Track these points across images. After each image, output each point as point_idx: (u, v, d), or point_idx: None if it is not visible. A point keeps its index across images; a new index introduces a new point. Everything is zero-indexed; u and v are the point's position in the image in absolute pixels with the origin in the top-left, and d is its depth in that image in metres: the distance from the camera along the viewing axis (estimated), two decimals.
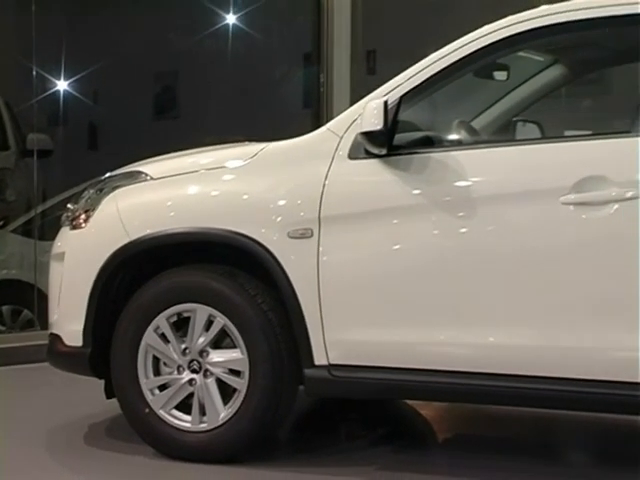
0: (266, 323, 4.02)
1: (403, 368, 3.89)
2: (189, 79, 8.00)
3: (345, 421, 5.00)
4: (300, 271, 3.96)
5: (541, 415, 4.74)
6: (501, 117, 4.77)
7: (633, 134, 3.69)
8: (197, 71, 7.98)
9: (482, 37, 3.93)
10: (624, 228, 3.61)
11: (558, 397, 3.75)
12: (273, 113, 8.17)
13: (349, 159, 3.99)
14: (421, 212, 3.88)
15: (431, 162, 3.90)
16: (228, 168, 4.23)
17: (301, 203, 4.00)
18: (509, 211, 3.78)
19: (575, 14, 3.88)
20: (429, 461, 4.37)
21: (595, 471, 4.30)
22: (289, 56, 8.30)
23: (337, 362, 3.96)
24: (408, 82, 3.97)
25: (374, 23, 8.43)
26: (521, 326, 3.76)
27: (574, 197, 3.67)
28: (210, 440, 4.09)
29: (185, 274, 4.18)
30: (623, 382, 3.62)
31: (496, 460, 4.30)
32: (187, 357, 4.13)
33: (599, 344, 3.66)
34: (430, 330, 3.87)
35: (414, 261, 3.89)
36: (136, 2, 7.58)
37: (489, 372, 3.79)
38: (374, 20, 8.41)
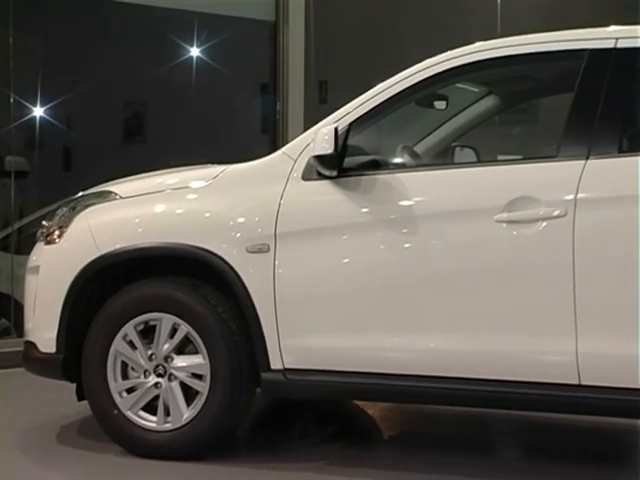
0: (226, 331, 4.00)
1: (352, 372, 3.89)
2: (156, 107, 7.97)
3: (299, 420, 4.99)
4: (257, 283, 3.95)
5: (478, 414, 4.77)
6: (441, 142, 4.80)
7: (558, 158, 3.72)
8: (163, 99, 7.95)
9: (423, 70, 3.96)
10: (551, 243, 3.65)
11: (494, 397, 3.77)
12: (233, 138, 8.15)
13: (303, 180, 3.99)
14: (368, 229, 3.88)
15: (377, 183, 3.91)
16: (192, 188, 4.21)
17: (259, 220, 3.99)
18: (448, 228, 3.80)
19: (507, 50, 3.93)
20: (376, 456, 4.37)
21: (529, 464, 4.34)
22: (248, 86, 8.29)
23: (291, 366, 3.95)
24: (357, 110, 3.98)
25: (326, 56, 8.45)
26: (460, 332, 3.77)
27: (506, 216, 3.69)
28: (174, 439, 4.07)
29: (152, 286, 4.15)
30: (555, 384, 3.66)
31: (437, 455, 4.31)
32: (153, 362, 4.10)
33: (532, 349, 3.68)
34: (376, 337, 3.87)
35: (361, 274, 3.90)
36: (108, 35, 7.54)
37: (431, 375, 3.80)
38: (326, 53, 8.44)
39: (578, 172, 3.64)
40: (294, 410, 5.04)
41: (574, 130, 3.73)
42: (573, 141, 3.71)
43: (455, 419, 4.89)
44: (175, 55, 7.91)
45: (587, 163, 3.65)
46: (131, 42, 7.65)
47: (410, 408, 5.02)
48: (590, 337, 3.60)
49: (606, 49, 3.76)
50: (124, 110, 8.01)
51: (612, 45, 3.76)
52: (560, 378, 3.65)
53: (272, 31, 7.89)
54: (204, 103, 8.07)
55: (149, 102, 7.99)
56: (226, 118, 8.25)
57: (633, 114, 4.08)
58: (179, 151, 7.40)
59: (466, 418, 4.86)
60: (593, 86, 3.73)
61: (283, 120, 7.81)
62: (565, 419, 4.61)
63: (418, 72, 3.97)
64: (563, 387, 3.65)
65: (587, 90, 3.75)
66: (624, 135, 3.79)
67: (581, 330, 3.60)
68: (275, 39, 7.84)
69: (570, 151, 3.70)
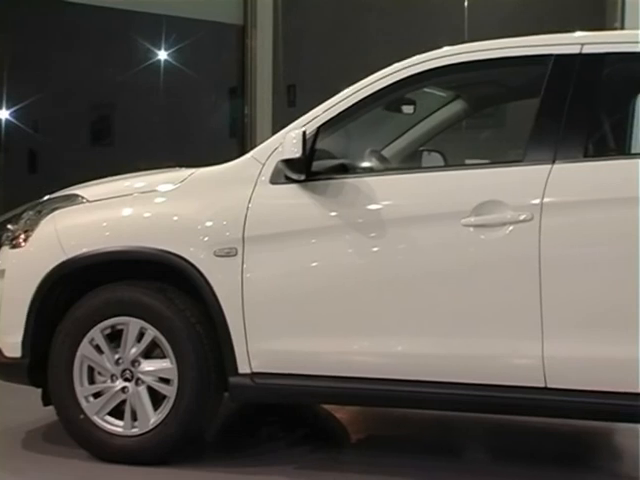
0: (194, 335, 3.99)
1: (320, 375, 3.89)
2: (124, 109, 7.94)
3: (267, 424, 4.98)
4: (225, 287, 3.95)
5: (445, 417, 4.78)
6: (408, 147, 4.82)
7: (525, 163, 3.75)
8: (131, 102, 7.92)
9: (391, 74, 3.97)
10: (518, 247, 3.67)
11: (462, 400, 3.79)
12: (202, 141, 8.14)
13: (271, 184, 3.98)
14: (336, 232, 3.89)
15: (345, 187, 3.91)
16: (159, 191, 4.19)
17: (226, 224, 3.98)
18: (416, 232, 3.81)
19: (474, 55, 3.95)
20: (343, 460, 4.37)
21: (496, 467, 4.36)
22: (216, 90, 8.28)
23: (259, 370, 3.95)
24: (325, 114, 3.99)
25: (294, 60, 8.46)
26: (428, 336, 3.78)
27: (474, 220, 3.71)
28: (141, 443, 4.05)
29: (119, 290, 4.13)
30: (521, 387, 3.68)
31: (405, 459, 4.31)
32: (120, 367, 4.08)
33: (499, 352, 3.70)
34: (345, 340, 3.87)
35: (330, 277, 3.90)
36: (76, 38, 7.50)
37: (397, 378, 3.82)
38: (294, 57, 8.44)
39: (544, 176, 3.67)
40: (262, 414, 5.03)
41: (540, 135, 3.76)
42: (539, 146, 3.74)
43: (423, 422, 4.90)
44: (143, 58, 7.89)
45: (553, 168, 3.68)
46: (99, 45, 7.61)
47: (378, 411, 5.03)
48: (556, 340, 3.62)
49: (572, 54, 3.80)
50: (91, 113, 7.97)
51: (578, 50, 3.80)
52: (526, 381, 3.68)
53: (240, 34, 7.90)
54: (172, 106, 8.05)
55: (117, 105, 7.96)
56: (194, 121, 8.24)
57: (598, 119, 4.12)
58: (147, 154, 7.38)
59: (434, 421, 4.88)
60: (559, 91, 3.76)
61: (251, 124, 7.82)
62: (531, 422, 4.63)
63: (386, 76, 3.98)
64: (529, 390, 3.68)
65: (553, 95, 3.78)
66: (589, 140, 3.83)
67: (547, 333, 3.62)
68: (243, 42, 7.85)
69: (536, 156, 3.73)
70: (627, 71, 4.05)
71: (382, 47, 7.82)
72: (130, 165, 5.24)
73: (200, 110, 8.29)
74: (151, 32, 7.82)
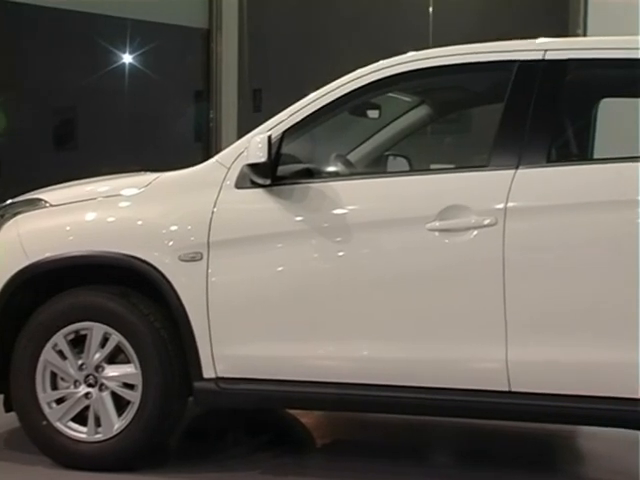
0: (158, 340, 3.98)
1: (284, 380, 3.89)
2: (88, 113, 7.89)
3: (232, 429, 4.97)
4: (190, 291, 3.94)
5: (411, 421, 4.80)
6: (374, 151, 4.83)
7: (489, 168, 3.78)
8: (95, 106, 7.87)
9: (356, 79, 3.99)
10: (482, 251, 3.69)
11: (427, 404, 3.80)
12: (166, 145, 8.11)
13: (236, 188, 3.98)
14: (302, 237, 3.89)
15: (311, 192, 3.92)
16: (124, 196, 4.18)
17: (191, 229, 3.97)
18: (381, 236, 3.82)
19: (438, 60, 3.97)
20: (308, 465, 4.37)
21: (462, 471, 4.38)
22: (181, 93, 8.26)
23: (224, 375, 3.94)
24: (290, 119, 3.99)
25: (260, 64, 8.46)
26: (393, 340, 3.80)
27: (438, 224, 3.73)
28: (105, 450, 4.03)
29: (82, 294, 4.10)
30: (486, 390, 3.70)
31: (370, 463, 4.32)
32: (83, 372, 4.06)
33: (463, 356, 3.73)
34: (309, 345, 3.88)
35: (295, 282, 3.90)
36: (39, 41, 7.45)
37: (363, 383, 3.82)
38: (260, 61, 8.44)
39: (508, 181, 3.70)
40: (227, 419, 5.02)
41: (504, 140, 3.79)
42: (503, 151, 3.77)
43: (388, 426, 4.91)
44: (107, 62, 7.85)
45: (517, 173, 3.71)
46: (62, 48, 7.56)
47: (344, 416, 5.03)
48: (520, 344, 3.65)
49: (535, 60, 3.83)
50: (55, 117, 7.91)
51: (540, 57, 3.83)
52: (491, 385, 3.70)
53: (205, 38, 7.88)
54: (137, 110, 8.01)
55: (81, 109, 7.91)
56: (159, 125, 8.21)
57: (561, 125, 4.17)
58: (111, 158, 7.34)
59: (399, 425, 4.89)
60: (522, 97, 3.79)
61: (217, 128, 7.80)
62: (496, 425, 4.66)
63: (351, 81, 3.99)
64: (494, 394, 3.70)
65: (516, 101, 3.81)
66: (553, 145, 3.87)
67: (511, 337, 3.65)
68: (208, 46, 7.84)
69: (500, 161, 3.75)
70: (589, 77, 4.10)
71: (348, 52, 7.84)
72: (94, 169, 5.22)
73: (165, 114, 8.26)
74: (115, 35, 7.79)
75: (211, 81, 7.83)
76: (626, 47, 3.84)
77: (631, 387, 3.57)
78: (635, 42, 3.86)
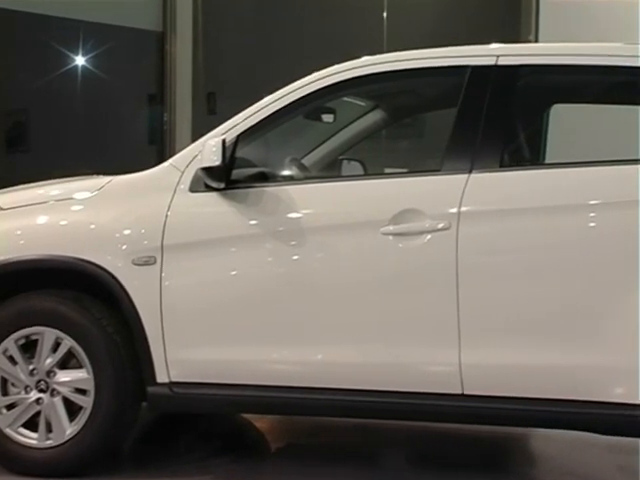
0: (111, 344, 3.95)
1: (238, 384, 3.88)
2: (40, 116, 7.81)
3: (185, 434, 4.94)
4: (143, 295, 3.91)
5: (365, 424, 4.81)
6: (328, 155, 4.84)
7: (442, 172, 3.80)
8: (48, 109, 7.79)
9: (311, 83, 3.99)
10: (436, 255, 3.71)
11: (381, 408, 3.81)
12: (120, 148, 8.05)
13: (190, 192, 3.96)
14: (256, 241, 3.88)
15: (265, 195, 3.91)
16: (76, 199, 4.14)
17: (145, 232, 3.95)
18: (336, 240, 3.83)
19: (392, 65, 3.99)
20: (262, 470, 4.37)
21: (415, 474, 4.40)
22: (135, 96, 8.20)
23: (178, 380, 3.92)
24: (245, 122, 3.98)
25: (214, 67, 8.43)
26: (347, 345, 3.80)
27: (392, 228, 3.75)
28: (57, 455, 3.99)
29: (33, 299, 4.06)
30: (439, 394, 3.72)
31: (324, 467, 4.32)
32: (35, 377, 4.01)
33: (417, 360, 3.74)
34: (263, 349, 3.87)
35: (249, 286, 3.89)
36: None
37: (317, 387, 3.83)
38: (214, 65, 8.41)
39: (461, 186, 3.72)
40: (181, 424, 4.99)
41: (457, 145, 3.82)
42: (456, 155, 3.79)
43: (343, 430, 4.92)
44: (60, 64, 7.78)
45: (470, 177, 3.73)
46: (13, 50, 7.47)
47: (298, 420, 5.03)
48: (473, 348, 3.67)
49: (487, 66, 3.86)
50: (5, 119, 7.82)
51: (493, 62, 3.86)
52: (444, 388, 3.72)
53: (160, 41, 7.84)
54: (90, 113, 7.95)
55: (32, 111, 7.82)
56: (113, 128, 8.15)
57: (514, 129, 4.20)
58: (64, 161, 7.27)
59: (353, 429, 4.90)
60: (475, 102, 3.82)
61: (171, 131, 7.77)
62: (450, 428, 4.69)
63: (306, 85, 3.99)
64: (447, 397, 3.72)
65: (469, 106, 3.84)
66: (505, 150, 3.89)
67: (464, 341, 3.67)
68: (162, 49, 7.80)
69: (454, 165, 3.78)
70: (541, 82, 4.14)
71: (302, 56, 7.85)
72: (46, 172, 5.16)
73: (119, 117, 8.20)
74: (68, 37, 7.72)
75: (165, 84, 7.80)
76: (577, 53, 3.89)
77: (583, 389, 3.61)
78: (586, 49, 3.91)
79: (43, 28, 7.51)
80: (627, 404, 3.57)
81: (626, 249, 3.58)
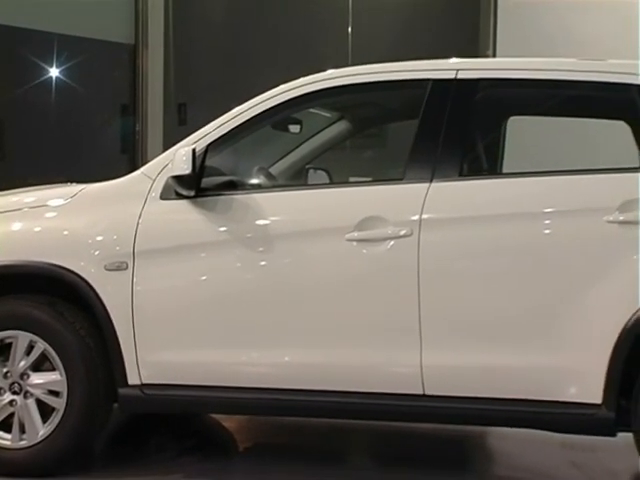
0: (83, 347, 3.92)
1: (208, 386, 3.87)
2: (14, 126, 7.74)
3: (156, 434, 4.91)
4: (116, 300, 3.89)
5: (330, 424, 4.81)
6: (295, 164, 4.84)
7: (405, 181, 3.81)
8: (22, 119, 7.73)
9: (278, 95, 3.99)
10: (398, 261, 3.72)
11: (346, 408, 3.82)
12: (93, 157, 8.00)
13: (161, 200, 3.95)
14: (226, 247, 3.88)
15: (234, 203, 3.91)
16: (50, 206, 4.11)
17: (117, 239, 3.93)
18: (302, 246, 3.83)
19: (356, 78, 4.00)
20: (231, 469, 4.35)
21: (379, 472, 4.40)
22: (108, 107, 8.15)
23: (149, 381, 3.90)
24: (214, 132, 3.98)
25: (185, 79, 8.40)
26: (313, 347, 3.80)
27: (357, 234, 3.75)
28: (30, 456, 3.94)
29: (7, 303, 4.01)
30: (401, 394, 3.73)
31: (291, 466, 4.31)
32: (8, 380, 3.97)
33: (380, 361, 3.75)
34: (232, 352, 3.86)
35: (219, 291, 3.89)
36: None
37: (284, 388, 3.82)
38: (185, 76, 8.39)
39: (422, 194, 3.74)
40: (152, 424, 4.96)
41: (419, 155, 3.83)
42: (418, 165, 3.81)
43: (310, 430, 4.91)
44: (34, 75, 7.72)
45: (431, 186, 3.75)
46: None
47: (266, 420, 5.02)
48: (434, 350, 3.69)
49: (447, 79, 3.88)
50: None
51: (453, 76, 3.88)
52: (406, 389, 3.73)
53: (132, 54, 7.81)
54: (64, 123, 7.89)
55: (7, 121, 7.75)
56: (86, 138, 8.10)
57: (472, 140, 4.23)
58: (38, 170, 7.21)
59: (320, 429, 4.90)
60: (436, 114, 3.84)
61: (142, 141, 7.73)
62: (411, 427, 4.70)
63: (273, 97, 3.99)
64: (409, 397, 3.73)
65: (430, 117, 3.86)
66: (464, 160, 3.92)
67: (425, 343, 3.68)
68: (135, 61, 7.76)
69: (415, 174, 3.79)
70: (498, 96, 4.17)
71: (270, 69, 7.85)
72: (21, 180, 5.12)
73: (92, 127, 8.15)
74: (42, 49, 7.66)
75: (137, 95, 7.76)
76: (533, 68, 3.93)
77: (538, 389, 3.63)
78: (541, 64, 3.95)
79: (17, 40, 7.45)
80: (581, 403, 3.60)
81: (579, 255, 3.61)
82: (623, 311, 3.54)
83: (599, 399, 3.56)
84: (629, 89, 3.76)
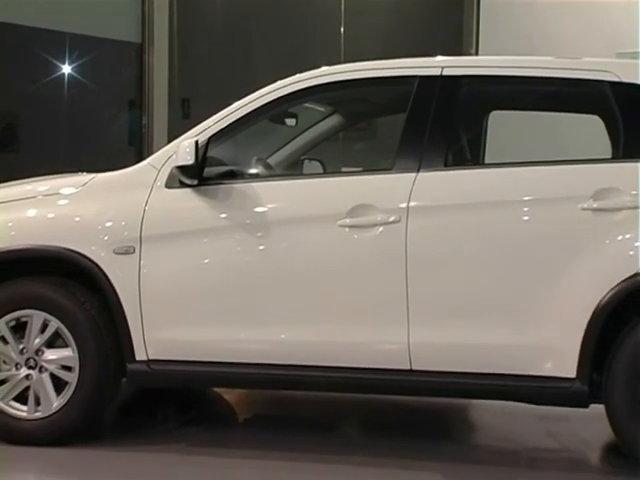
0: (94, 325, 3.91)
1: (209, 362, 3.87)
2: (29, 119, 7.70)
3: (161, 407, 4.91)
4: (124, 282, 3.88)
5: (323, 397, 4.81)
6: (291, 155, 4.82)
7: (393, 171, 3.80)
8: (36, 112, 7.70)
9: (275, 90, 3.98)
10: (387, 246, 3.72)
11: (337, 382, 3.82)
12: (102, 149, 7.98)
13: (166, 188, 3.94)
14: (226, 232, 3.87)
15: (234, 191, 3.90)
16: (62, 194, 4.09)
17: (125, 225, 3.92)
18: (298, 232, 3.82)
19: (348, 74, 3.99)
20: (230, 438, 4.34)
21: (367, 440, 4.41)
22: (116, 101, 8.12)
23: (155, 357, 3.90)
24: (216, 125, 3.96)
25: (188, 75, 8.37)
26: (308, 325, 3.80)
27: (349, 221, 3.75)
28: (44, 426, 3.95)
29: (23, 285, 4.01)
30: (389, 369, 3.73)
31: (286, 435, 4.31)
32: (24, 356, 3.96)
33: (370, 339, 3.75)
34: (231, 330, 3.86)
35: (220, 273, 3.88)
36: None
37: (280, 363, 3.82)
38: (188, 73, 8.36)
39: (410, 183, 3.73)
40: (158, 397, 4.96)
41: (407, 146, 3.82)
42: (406, 156, 3.80)
43: (304, 402, 4.92)
44: (48, 72, 7.69)
45: (418, 176, 3.74)
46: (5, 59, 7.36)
47: (263, 393, 5.02)
48: (420, 328, 3.69)
49: (433, 76, 3.87)
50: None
51: (438, 73, 3.87)
52: (394, 364, 3.73)
53: (138, 52, 7.78)
54: (75, 116, 7.87)
55: (23, 115, 7.72)
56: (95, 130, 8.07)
57: (457, 133, 4.22)
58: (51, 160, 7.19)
59: (313, 401, 4.90)
60: (422, 108, 3.83)
61: (148, 133, 7.71)
62: (397, 400, 4.70)
63: (271, 92, 3.98)
64: (397, 372, 3.73)
65: (417, 111, 3.85)
66: (449, 151, 3.92)
67: (412, 322, 3.68)
68: (141, 59, 7.73)
69: (403, 165, 3.79)
70: (481, 91, 4.15)
71: (268, 65, 7.83)
72: (35, 170, 5.10)
73: (101, 120, 8.12)
74: (56, 48, 7.63)
75: (143, 91, 7.74)
76: (513, 66, 3.92)
77: (517, 365, 3.64)
78: (520, 62, 3.94)
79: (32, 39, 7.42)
80: (557, 377, 3.60)
81: (556, 240, 3.62)
82: (596, 292, 3.54)
83: (573, 373, 3.58)
84: (602, 85, 3.76)
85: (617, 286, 3.52)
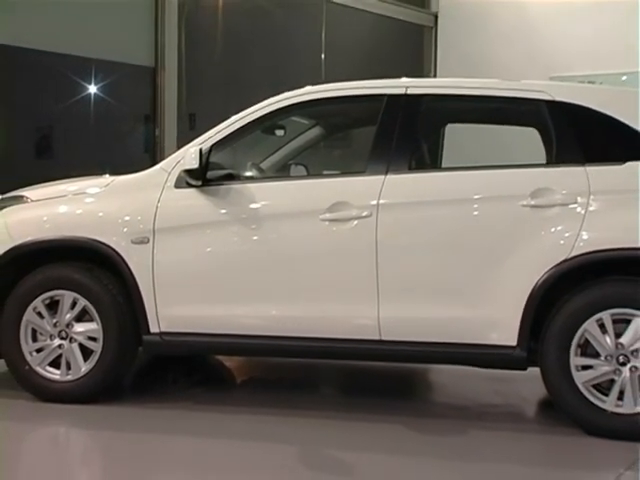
0: (115, 303, 3.90)
1: (212, 333, 3.86)
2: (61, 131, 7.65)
3: (172, 371, 4.89)
4: (140, 267, 3.86)
5: (306, 363, 4.80)
6: (280, 161, 4.80)
7: (366, 173, 3.80)
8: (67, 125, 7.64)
9: (267, 106, 3.98)
10: (361, 236, 3.72)
11: (318, 350, 3.83)
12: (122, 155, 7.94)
13: (175, 188, 3.92)
14: (225, 225, 3.86)
15: (232, 191, 3.88)
16: (89, 193, 4.07)
17: (141, 219, 3.89)
18: (286, 225, 3.81)
19: (328, 93, 3.99)
20: (231, 396, 4.34)
21: (343, 398, 4.40)
22: (133, 116, 8.08)
23: (166, 330, 3.89)
24: (217, 135, 3.95)
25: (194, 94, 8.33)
26: (294, 302, 3.80)
27: (328, 216, 3.74)
28: (74, 387, 3.94)
29: (56, 269, 3.98)
30: (362, 339, 3.73)
31: (278, 394, 4.31)
32: (57, 328, 3.95)
33: (345, 314, 3.74)
34: (230, 306, 3.85)
35: (220, 259, 3.87)
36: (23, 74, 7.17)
37: (271, 335, 3.82)
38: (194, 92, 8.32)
39: (380, 184, 3.73)
40: (168, 364, 4.94)
41: (377, 153, 3.82)
42: (376, 161, 3.80)
43: (291, 367, 4.91)
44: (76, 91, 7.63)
45: (386, 177, 3.74)
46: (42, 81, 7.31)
47: (257, 360, 5.00)
48: (388, 304, 3.69)
49: (399, 94, 3.87)
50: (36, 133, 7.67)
51: (403, 91, 3.87)
52: (367, 335, 3.73)
53: (152, 74, 7.74)
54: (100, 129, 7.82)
55: (56, 127, 7.68)
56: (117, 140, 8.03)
57: (419, 141, 4.21)
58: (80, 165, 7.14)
59: (299, 367, 4.89)
60: (390, 121, 3.83)
61: (161, 142, 7.68)
62: (369, 366, 4.70)
63: (263, 107, 3.97)
64: (368, 342, 3.73)
65: (386, 123, 3.84)
66: (412, 157, 3.91)
67: (382, 299, 3.68)
68: (154, 80, 7.70)
69: (374, 168, 3.78)
70: (439, 107, 4.15)
71: (260, 85, 7.81)
72: (66, 173, 5.06)
73: (121, 132, 8.08)
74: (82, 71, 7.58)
75: (156, 107, 7.71)
76: (465, 86, 3.92)
77: (469, 335, 3.65)
78: (471, 83, 3.94)
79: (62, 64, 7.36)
80: (501, 345, 3.61)
81: (500, 231, 3.63)
82: (533, 274, 3.55)
83: (515, 342, 3.59)
84: (538, 103, 3.76)
85: (550, 270, 3.53)
